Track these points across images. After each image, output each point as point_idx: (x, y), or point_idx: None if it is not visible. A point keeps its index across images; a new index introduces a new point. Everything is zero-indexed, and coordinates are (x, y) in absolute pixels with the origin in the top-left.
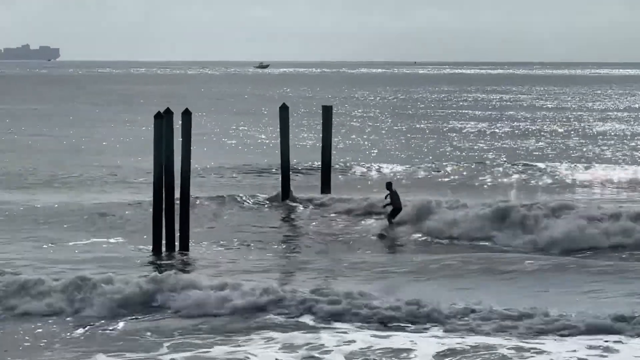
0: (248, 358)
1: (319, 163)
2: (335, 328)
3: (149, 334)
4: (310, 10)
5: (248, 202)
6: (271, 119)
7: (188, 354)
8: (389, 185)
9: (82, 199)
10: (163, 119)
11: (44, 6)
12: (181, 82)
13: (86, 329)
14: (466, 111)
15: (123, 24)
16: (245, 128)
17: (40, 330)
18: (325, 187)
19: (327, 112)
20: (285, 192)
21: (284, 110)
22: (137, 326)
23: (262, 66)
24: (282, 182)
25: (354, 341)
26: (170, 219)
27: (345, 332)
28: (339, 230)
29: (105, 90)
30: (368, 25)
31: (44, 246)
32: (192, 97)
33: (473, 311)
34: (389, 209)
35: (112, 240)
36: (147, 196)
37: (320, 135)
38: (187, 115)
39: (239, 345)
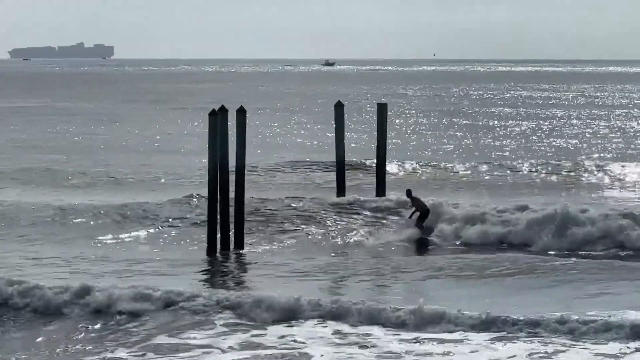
0: None
1: (374, 161)
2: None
3: None
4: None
5: (302, 201)
6: (328, 117)
7: None
8: (408, 193)
9: (135, 199)
10: (218, 117)
11: (98, 4)
12: (239, 80)
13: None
14: (529, 110)
15: (178, 21)
16: (302, 125)
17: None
18: (380, 187)
19: (382, 109)
20: (341, 190)
21: (339, 107)
22: None
23: (329, 64)
24: (337, 180)
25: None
26: (225, 218)
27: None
28: (390, 233)
29: (159, 88)
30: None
31: (100, 247)
32: (250, 95)
33: None
34: (416, 215)
35: (166, 241)
36: (202, 195)
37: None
38: (241, 112)
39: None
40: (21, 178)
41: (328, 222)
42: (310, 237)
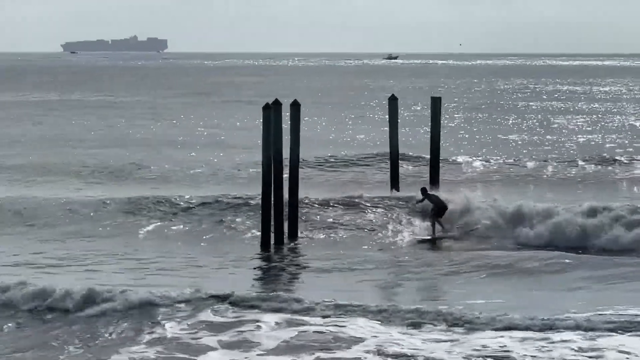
0: None
1: (427, 155)
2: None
3: None
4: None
5: (356, 197)
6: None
7: None
8: (424, 191)
9: (187, 193)
10: (271, 110)
11: None
12: (298, 73)
13: None
14: (590, 104)
15: (233, 14)
16: (357, 119)
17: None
18: (433, 182)
19: (435, 103)
20: (395, 184)
21: (393, 101)
22: None
23: (392, 57)
24: (391, 174)
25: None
26: (278, 212)
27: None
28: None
29: (211, 81)
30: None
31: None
32: (305, 89)
33: None
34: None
35: (221, 234)
36: (254, 190)
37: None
38: (295, 106)
39: None
40: (71, 172)
41: (380, 216)
42: (363, 231)
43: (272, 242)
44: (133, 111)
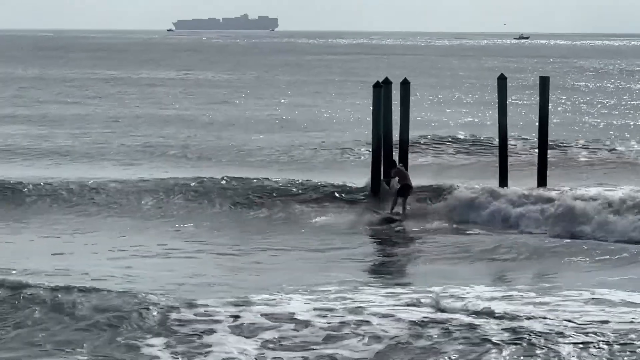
0: None
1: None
2: None
3: None
4: None
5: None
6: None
7: None
8: (392, 164)
9: (295, 176)
10: (381, 88)
11: None
12: (421, 52)
13: None
14: None
15: None
16: (467, 100)
17: None
18: (541, 175)
19: (544, 83)
20: (503, 177)
21: (501, 80)
22: None
23: (523, 37)
24: (499, 166)
25: None
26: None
27: None
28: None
29: (326, 60)
30: None
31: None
32: (421, 68)
33: None
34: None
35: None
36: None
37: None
38: (405, 85)
39: None
40: (177, 154)
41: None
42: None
43: None
44: (253, 89)
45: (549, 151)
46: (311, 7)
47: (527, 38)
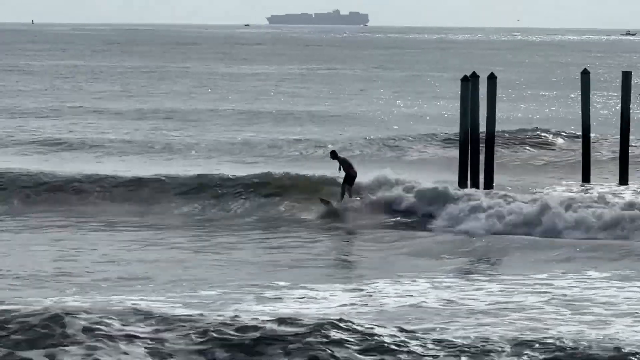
0: None
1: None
2: None
3: None
4: None
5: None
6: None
7: None
8: (333, 154)
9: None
10: (469, 82)
11: None
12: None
13: None
14: None
15: None
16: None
17: None
18: (623, 172)
19: (626, 78)
20: (586, 174)
21: (585, 75)
22: None
23: (630, 34)
24: (583, 163)
25: None
26: (475, 186)
27: None
28: None
29: (417, 56)
30: None
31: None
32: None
33: None
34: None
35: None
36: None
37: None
38: (492, 79)
39: None
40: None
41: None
42: None
43: None
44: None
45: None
46: (403, 2)
47: (634, 34)
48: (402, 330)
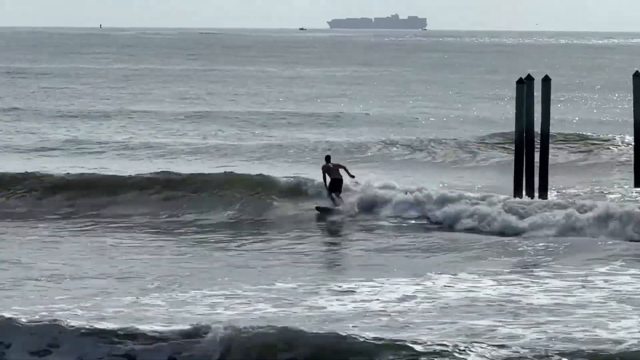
0: None
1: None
2: None
3: None
4: None
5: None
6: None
7: None
8: (327, 159)
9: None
10: (524, 85)
11: None
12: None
13: None
14: None
15: None
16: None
17: None
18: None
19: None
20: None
21: (637, 77)
22: None
23: None
24: (634, 164)
25: None
26: (530, 184)
27: None
28: None
29: (474, 59)
30: None
31: None
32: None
33: None
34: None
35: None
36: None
37: None
38: (546, 81)
39: None
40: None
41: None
42: None
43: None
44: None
45: None
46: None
47: None
48: None
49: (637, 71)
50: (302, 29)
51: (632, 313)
